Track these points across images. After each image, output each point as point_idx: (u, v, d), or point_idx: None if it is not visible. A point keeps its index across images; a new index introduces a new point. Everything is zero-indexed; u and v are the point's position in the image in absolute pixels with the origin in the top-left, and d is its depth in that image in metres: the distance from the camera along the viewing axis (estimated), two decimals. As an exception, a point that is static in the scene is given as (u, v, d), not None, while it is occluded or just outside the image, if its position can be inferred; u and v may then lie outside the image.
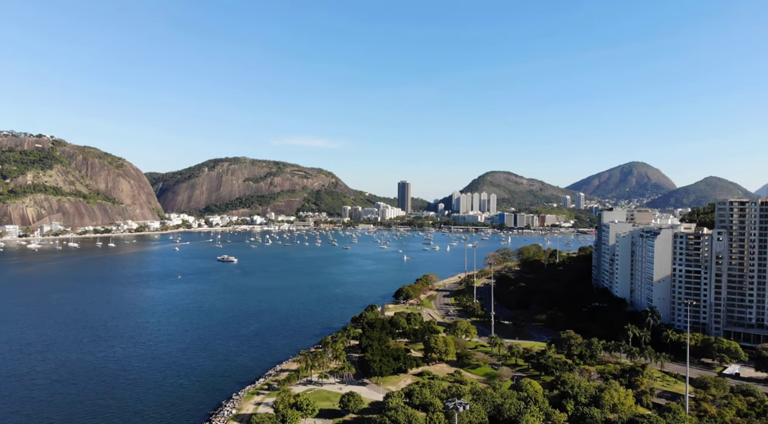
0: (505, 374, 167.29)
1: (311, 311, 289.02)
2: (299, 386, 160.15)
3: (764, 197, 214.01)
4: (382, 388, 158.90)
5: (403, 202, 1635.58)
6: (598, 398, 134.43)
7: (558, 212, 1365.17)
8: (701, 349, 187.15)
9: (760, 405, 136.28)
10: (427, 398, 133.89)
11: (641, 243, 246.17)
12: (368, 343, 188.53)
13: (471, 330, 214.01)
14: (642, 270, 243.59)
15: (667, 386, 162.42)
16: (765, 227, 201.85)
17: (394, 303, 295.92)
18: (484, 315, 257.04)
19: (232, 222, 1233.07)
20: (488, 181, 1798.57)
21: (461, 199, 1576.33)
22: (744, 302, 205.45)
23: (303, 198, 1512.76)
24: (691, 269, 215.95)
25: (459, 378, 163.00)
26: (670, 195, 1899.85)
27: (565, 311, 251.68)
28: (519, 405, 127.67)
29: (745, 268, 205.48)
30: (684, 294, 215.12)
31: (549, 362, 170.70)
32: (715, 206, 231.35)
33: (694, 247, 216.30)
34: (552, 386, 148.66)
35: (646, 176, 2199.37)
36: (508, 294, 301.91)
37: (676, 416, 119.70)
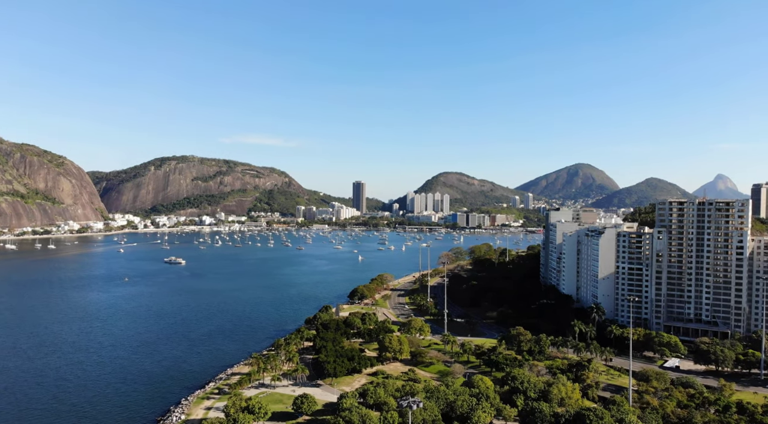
0: (457, 372, 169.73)
1: (264, 313, 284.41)
2: (251, 390, 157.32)
3: (701, 198, 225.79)
4: (336, 389, 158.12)
5: (358, 202, 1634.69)
6: (546, 393, 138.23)
7: (508, 211, 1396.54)
8: (643, 343, 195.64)
9: (699, 396, 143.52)
10: (381, 398, 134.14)
11: (587, 242, 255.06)
12: (322, 344, 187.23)
13: (425, 329, 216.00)
14: (587, 268, 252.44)
15: (611, 379, 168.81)
16: (702, 226, 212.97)
17: (349, 303, 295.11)
18: (437, 313, 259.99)
19: (180, 223, 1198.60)
20: (441, 182, 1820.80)
21: (415, 200, 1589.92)
22: (683, 298, 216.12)
23: (255, 198, 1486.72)
24: (634, 267, 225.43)
25: (413, 377, 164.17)
26: (614, 195, 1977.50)
27: (515, 308, 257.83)
28: (471, 402, 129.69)
29: (684, 265, 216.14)
30: (627, 291, 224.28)
31: (500, 358, 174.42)
32: (656, 206, 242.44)
33: (636, 245, 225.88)
34: (503, 381, 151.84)
35: (591, 177, 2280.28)
36: (461, 292, 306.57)
37: (620, 409, 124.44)
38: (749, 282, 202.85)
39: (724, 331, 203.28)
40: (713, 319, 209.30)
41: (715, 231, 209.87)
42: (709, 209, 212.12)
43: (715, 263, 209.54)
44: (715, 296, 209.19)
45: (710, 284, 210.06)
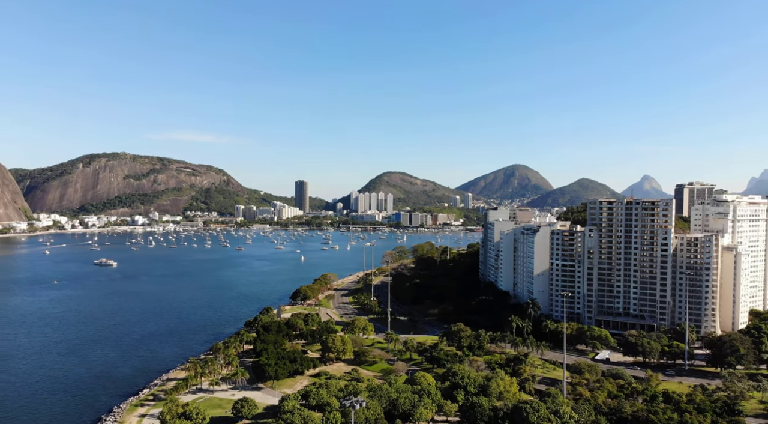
0: (400, 369, 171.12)
1: (201, 317, 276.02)
2: (188, 395, 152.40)
3: (629, 198, 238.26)
4: (278, 391, 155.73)
5: (300, 201, 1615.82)
6: (486, 387, 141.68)
7: (449, 211, 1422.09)
8: (576, 337, 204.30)
9: (628, 387, 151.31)
10: (324, 398, 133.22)
11: (523, 240, 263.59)
12: (263, 347, 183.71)
13: (368, 328, 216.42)
14: (523, 265, 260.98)
15: (547, 372, 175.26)
16: (629, 225, 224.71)
17: (291, 305, 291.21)
18: (381, 312, 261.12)
19: (111, 223, 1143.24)
20: (385, 182, 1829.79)
21: (359, 199, 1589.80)
22: (612, 293, 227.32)
23: (191, 197, 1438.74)
24: (567, 263, 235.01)
25: (356, 376, 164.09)
26: (548, 195, 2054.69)
27: (455, 305, 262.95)
28: (413, 398, 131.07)
29: (613, 261, 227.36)
30: (561, 286, 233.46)
31: (441, 354, 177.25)
32: (587, 206, 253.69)
33: (569, 243, 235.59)
34: (444, 377, 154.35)
35: (526, 178, 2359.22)
36: (404, 291, 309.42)
37: (555, 401, 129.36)
38: (673, 277, 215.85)
39: (650, 324, 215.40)
40: (640, 313, 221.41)
41: (642, 229, 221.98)
42: (636, 209, 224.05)
43: (642, 260, 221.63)
44: (642, 290, 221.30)
45: (637, 280, 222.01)
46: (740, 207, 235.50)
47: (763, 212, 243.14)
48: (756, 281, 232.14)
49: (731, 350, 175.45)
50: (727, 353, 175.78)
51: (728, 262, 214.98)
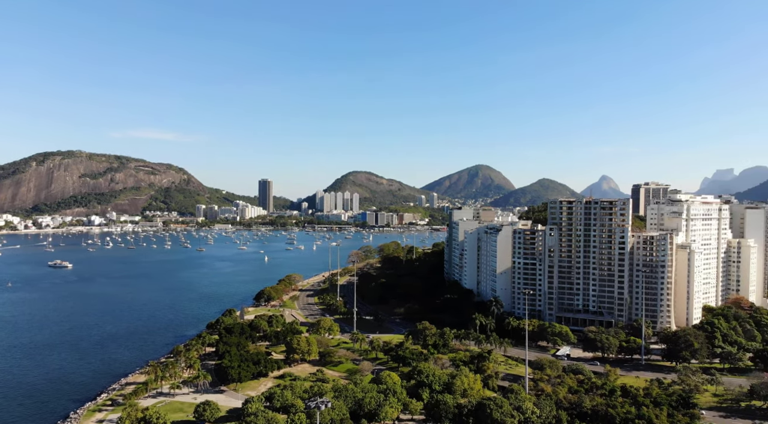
0: (366, 369, 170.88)
1: (162, 319, 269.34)
2: (148, 399, 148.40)
3: (588, 197, 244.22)
4: (241, 394, 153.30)
5: (264, 200, 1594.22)
6: (450, 385, 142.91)
7: (414, 210, 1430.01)
8: (538, 333, 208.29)
9: (588, 382, 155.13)
10: (289, 400, 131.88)
11: (486, 239, 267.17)
12: (226, 349, 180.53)
13: (334, 328, 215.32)
14: (487, 263, 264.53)
15: (509, 369, 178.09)
16: (588, 224, 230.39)
17: (254, 306, 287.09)
18: (347, 312, 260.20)
19: (66, 223, 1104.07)
20: (351, 181, 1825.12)
21: (325, 199, 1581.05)
22: (572, 290, 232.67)
23: (150, 196, 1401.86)
24: (528, 262, 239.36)
25: (321, 377, 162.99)
26: (510, 195, 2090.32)
27: (421, 303, 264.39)
28: (379, 398, 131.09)
29: (573, 260, 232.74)
30: (522, 284, 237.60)
31: (406, 353, 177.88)
32: (548, 205, 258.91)
33: (530, 242, 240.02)
34: (409, 376, 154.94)
35: (489, 178, 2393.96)
36: (370, 290, 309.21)
37: (518, 397, 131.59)
38: (630, 275, 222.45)
39: (608, 320, 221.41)
40: (599, 309, 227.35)
41: (600, 228, 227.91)
42: (594, 208, 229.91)
43: (600, 258, 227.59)
44: (601, 288, 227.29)
45: (596, 277, 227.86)
46: (693, 206, 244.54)
47: (716, 211, 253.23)
48: (709, 278, 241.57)
49: (686, 344, 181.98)
50: (681, 348, 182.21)
51: (682, 259, 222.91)
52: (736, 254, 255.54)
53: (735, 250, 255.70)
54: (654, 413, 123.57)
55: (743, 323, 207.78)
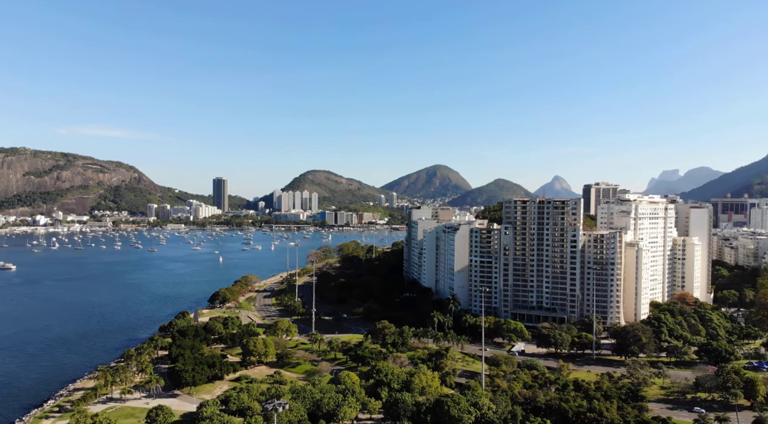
0: (324, 369, 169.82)
1: (111, 322, 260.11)
2: (98, 405, 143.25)
3: (541, 197, 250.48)
4: (196, 397, 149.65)
5: (219, 199, 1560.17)
6: (409, 383, 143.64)
7: (374, 210, 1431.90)
8: (494, 330, 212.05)
9: (542, 377, 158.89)
10: (245, 403, 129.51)
11: (444, 238, 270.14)
12: (179, 352, 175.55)
13: (292, 329, 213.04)
14: (445, 262, 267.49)
15: (467, 365, 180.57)
16: (542, 222, 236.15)
17: (209, 308, 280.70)
18: (305, 313, 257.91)
19: (10, 223, 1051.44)
20: (310, 180, 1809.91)
21: (283, 198, 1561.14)
22: (526, 288, 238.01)
23: (99, 195, 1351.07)
24: (484, 260, 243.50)
25: (279, 379, 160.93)
26: (467, 195, 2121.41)
27: (380, 302, 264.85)
28: (337, 398, 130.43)
29: (527, 258, 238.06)
30: (479, 282, 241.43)
31: (365, 352, 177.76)
32: (503, 205, 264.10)
33: (487, 240, 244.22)
34: (368, 375, 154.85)
35: (447, 178, 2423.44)
36: (329, 290, 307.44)
37: (475, 393, 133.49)
38: (581, 272, 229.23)
39: (561, 316, 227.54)
40: (552, 306, 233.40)
41: (553, 227, 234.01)
42: (547, 208, 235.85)
43: (553, 256, 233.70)
44: (554, 285, 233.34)
45: (549, 275, 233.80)
46: (641, 206, 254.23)
47: (662, 210, 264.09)
48: (656, 275, 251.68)
49: (634, 339, 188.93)
50: (630, 343, 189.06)
51: (631, 257, 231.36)
52: (681, 252, 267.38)
53: (680, 247, 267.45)
54: (605, 407, 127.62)
55: (688, 318, 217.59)
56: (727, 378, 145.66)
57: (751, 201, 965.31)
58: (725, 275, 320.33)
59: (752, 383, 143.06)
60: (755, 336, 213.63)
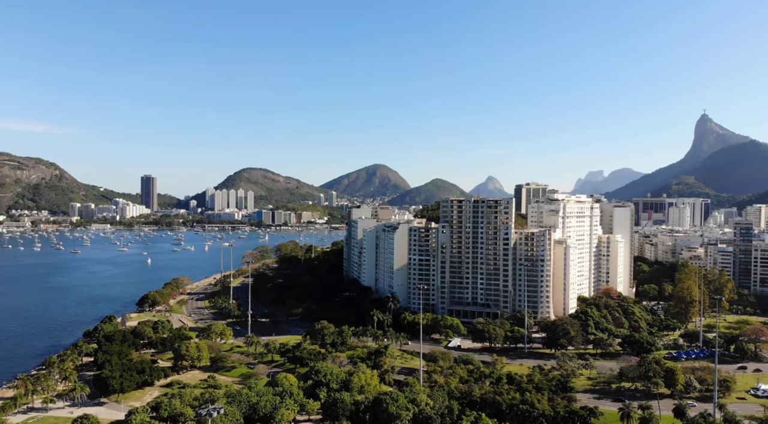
0: (261, 372, 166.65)
1: (31, 328, 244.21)
2: (18, 416, 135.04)
3: (476, 197, 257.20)
4: (124, 405, 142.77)
5: (148, 198, 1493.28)
6: (348, 382, 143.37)
7: (313, 209, 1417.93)
8: (431, 327, 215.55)
9: (477, 371, 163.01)
10: (177, 409, 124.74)
11: (384, 237, 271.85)
12: (105, 358, 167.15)
13: (227, 332, 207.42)
14: (384, 260, 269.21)
15: (405, 362, 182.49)
16: (477, 221, 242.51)
17: (138, 312, 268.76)
18: (241, 315, 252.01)
19: None
20: (245, 178, 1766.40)
21: (216, 196, 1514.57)
22: (462, 284, 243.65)
23: (16, 193, 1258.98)
24: (423, 258, 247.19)
25: (213, 383, 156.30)
26: (406, 194, 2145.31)
27: (319, 302, 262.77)
28: (274, 401, 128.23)
29: (463, 255, 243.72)
30: (418, 280, 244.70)
31: (304, 353, 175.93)
32: (440, 204, 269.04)
33: (425, 239, 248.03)
34: (307, 376, 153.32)
35: (387, 177, 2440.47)
36: (266, 291, 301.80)
37: (413, 390, 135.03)
38: (514, 269, 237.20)
39: (495, 312, 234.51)
40: (487, 302, 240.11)
41: (487, 225, 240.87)
42: (482, 207, 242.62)
43: (487, 253, 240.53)
44: (488, 281, 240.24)
45: (483, 271, 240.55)
46: (569, 205, 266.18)
47: (588, 209, 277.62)
48: (582, 271, 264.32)
49: (563, 332, 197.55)
50: (559, 336, 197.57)
51: (559, 254, 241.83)
52: (606, 248, 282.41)
53: (605, 244, 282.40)
54: (536, 398, 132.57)
55: (612, 312, 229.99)
56: (648, 368, 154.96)
57: (669, 201, 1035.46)
58: (646, 271, 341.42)
59: (672, 372, 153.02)
60: (674, 328, 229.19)
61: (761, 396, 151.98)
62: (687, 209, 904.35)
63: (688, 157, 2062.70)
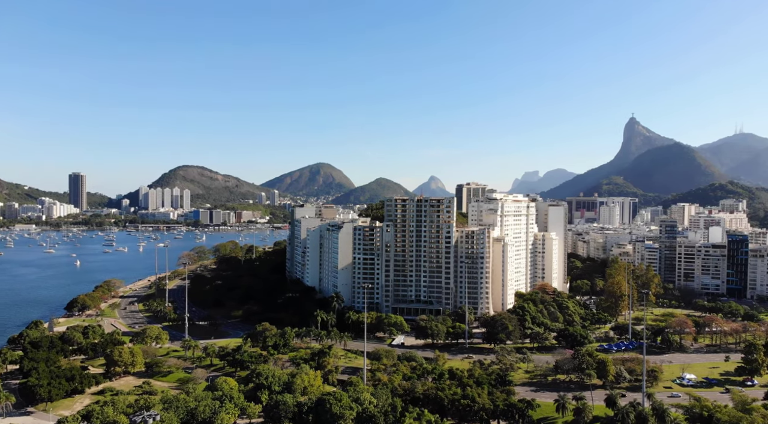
0: (199, 377, 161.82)
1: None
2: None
3: (419, 196, 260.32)
4: (53, 414, 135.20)
5: (76, 197, 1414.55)
6: (290, 384, 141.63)
7: (254, 208, 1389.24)
8: (376, 325, 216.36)
9: (420, 368, 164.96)
10: (110, 417, 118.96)
11: (328, 236, 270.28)
12: (32, 365, 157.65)
13: (162, 336, 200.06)
14: (329, 260, 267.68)
15: (349, 362, 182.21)
16: (420, 220, 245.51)
17: (66, 316, 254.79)
18: (177, 318, 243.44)
19: None
20: (181, 176, 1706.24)
21: (150, 195, 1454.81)
22: (406, 282, 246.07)
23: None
24: (367, 257, 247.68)
25: (148, 389, 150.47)
26: (351, 193, 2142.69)
27: (261, 304, 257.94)
28: (214, 405, 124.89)
29: (407, 253, 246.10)
30: (362, 279, 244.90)
31: (244, 356, 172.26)
32: (384, 203, 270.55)
33: (369, 238, 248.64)
34: (248, 379, 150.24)
35: (331, 176, 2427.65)
36: (205, 293, 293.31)
37: (356, 389, 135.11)
38: (455, 266, 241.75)
39: (438, 308, 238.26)
40: (429, 299, 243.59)
41: (430, 224, 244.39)
42: (425, 206, 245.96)
43: (430, 251, 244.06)
44: (431, 279, 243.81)
45: (426, 269, 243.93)
46: (507, 204, 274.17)
47: (525, 208, 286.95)
48: (519, 267, 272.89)
49: (502, 327, 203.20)
50: (498, 331, 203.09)
51: (498, 251, 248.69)
52: (542, 246, 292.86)
53: (540, 242, 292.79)
54: (476, 392, 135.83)
55: (548, 306, 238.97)
56: (582, 360, 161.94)
57: (600, 200, 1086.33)
58: (579, 267, 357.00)
59: (604, 364, 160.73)
60: (605, 321, 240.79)
61: (686, 385, 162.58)
62: (616, 208, 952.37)
63: (618, 158, 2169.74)
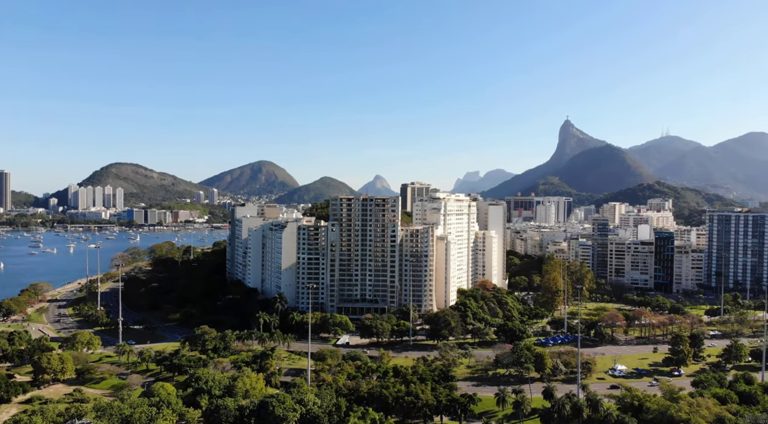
0: (134, 383, 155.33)
1: None
2: None
3: (364, 195, 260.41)
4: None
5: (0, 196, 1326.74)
6: (231, 388, 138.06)
7: (192, 207, 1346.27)
8: (320, 325, 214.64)
9: (365, 367, 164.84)
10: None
11: (271, 236, 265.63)
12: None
13: (94, 341, 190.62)
14: (272, 260, 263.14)
15: (293, 363, 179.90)
16: (365, 219, 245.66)
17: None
18: (110, 323, 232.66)
19: None
20: (113, 174, 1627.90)
21: (80, 194, 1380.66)
22: (351, 281, 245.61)
23: None
24: (312, 257, 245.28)
25: (80, 396, 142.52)
26: (294, 192, 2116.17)
27: (200, 306, 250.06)
28: (150, 412, 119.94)
29: (352, 253, 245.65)
30: (307, 279, 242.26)
31: (182, 361, 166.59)
32: (330, 202, 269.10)
33: (314, 237, 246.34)
34: (186, 384, 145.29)
35: (273, 175, 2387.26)
36: (140, 296, 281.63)
37: (300, 390, 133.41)
38: (400, 264, 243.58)
39: (382, 307, 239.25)
40: (375, 297, 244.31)
41: (375, 223, 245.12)
42: (370, 205, 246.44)
43: (375, 250, 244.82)
44: (376, 277, 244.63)
45: (372, 268, 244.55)
46: (449, 203, 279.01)
47: (466, 207, 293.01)
48: (462, 265, 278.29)
49: (444, 324, 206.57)
50: (441, 327, 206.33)
51: (441, 249, 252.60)
52: (482, 243, 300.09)
53: (481, 240, 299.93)
54: (420, 389, 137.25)
55: (488, 302, 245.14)
56: (520, 354, 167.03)
57: (536, 199, 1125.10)
58: (517, 263, 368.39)
59: (541, 357, 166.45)
60: (542, 316, 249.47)
61: (618, 376, 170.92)
62: (552, 207, 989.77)
63: (553, 159, 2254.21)
